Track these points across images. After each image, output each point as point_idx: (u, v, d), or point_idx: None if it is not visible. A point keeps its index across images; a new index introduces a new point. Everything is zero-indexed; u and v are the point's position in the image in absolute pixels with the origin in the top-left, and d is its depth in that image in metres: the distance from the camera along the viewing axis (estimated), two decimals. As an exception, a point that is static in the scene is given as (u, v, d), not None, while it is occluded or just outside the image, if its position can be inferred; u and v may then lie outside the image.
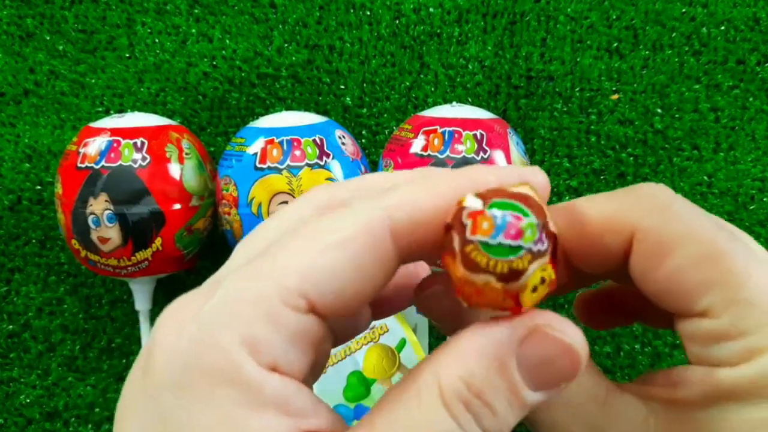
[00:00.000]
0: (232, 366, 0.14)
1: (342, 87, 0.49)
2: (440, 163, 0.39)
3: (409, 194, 0.15)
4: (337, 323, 0.17)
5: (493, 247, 0.14)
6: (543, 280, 0.14)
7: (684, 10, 0.49)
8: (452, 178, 0.16)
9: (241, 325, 0.14)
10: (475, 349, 0.14)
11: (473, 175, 0.16)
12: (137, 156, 0.40)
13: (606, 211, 0.17)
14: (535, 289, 0.14)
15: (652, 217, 0.17)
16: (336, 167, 0.40)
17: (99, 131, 0.41)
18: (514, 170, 0.16)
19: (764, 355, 0.15)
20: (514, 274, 0.14)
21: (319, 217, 0.16)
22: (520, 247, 0.14)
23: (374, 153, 0.49)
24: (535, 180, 0.16)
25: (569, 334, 0.14)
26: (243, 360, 0.14)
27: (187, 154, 0.42)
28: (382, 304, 0.20)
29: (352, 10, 0.50)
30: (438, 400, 0.14)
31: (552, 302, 0.49)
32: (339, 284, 0.15)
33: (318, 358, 0.16)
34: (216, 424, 0.13)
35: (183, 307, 0.15)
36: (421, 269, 0.20)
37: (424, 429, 0.14)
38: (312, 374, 0.17)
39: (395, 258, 0.16)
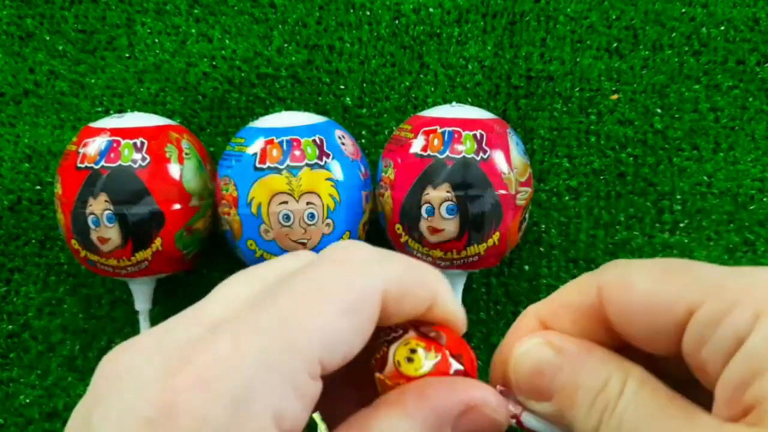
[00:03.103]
0: None
1: (342, 87, 0.49)
2: (440, 163, 0.39)
3: (398, 269, 0.17)
4: None
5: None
6: (414, 351, 0.17)
7: (684, 10, 0.49)
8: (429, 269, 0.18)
9: (273, 397, 0.15)
10: (418, 415, 0.15)
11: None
12: (137, 156, 0.40)
13: (656, 288, 0.16)
14: (410, 360, 0.17)
15: (712, 301, 0.15)
16: (336, 167, 0.40)
17: (99, 131, 0.41)
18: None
19: None
20: (381, 362, 0.17)
21: (314, 266, 0.16)
22: (378, 347, 0.18)
23: (374, 153, 0.49)
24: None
25: (501, 413, 0.16)
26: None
27: (186, 154, 0.42)
28: None
29: (352, 10, 0.50)
30: None
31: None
32: (347, 349, 0.16)
33: None
34: None
35: (204, 361, 0.15)
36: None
37: None
38: None
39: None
